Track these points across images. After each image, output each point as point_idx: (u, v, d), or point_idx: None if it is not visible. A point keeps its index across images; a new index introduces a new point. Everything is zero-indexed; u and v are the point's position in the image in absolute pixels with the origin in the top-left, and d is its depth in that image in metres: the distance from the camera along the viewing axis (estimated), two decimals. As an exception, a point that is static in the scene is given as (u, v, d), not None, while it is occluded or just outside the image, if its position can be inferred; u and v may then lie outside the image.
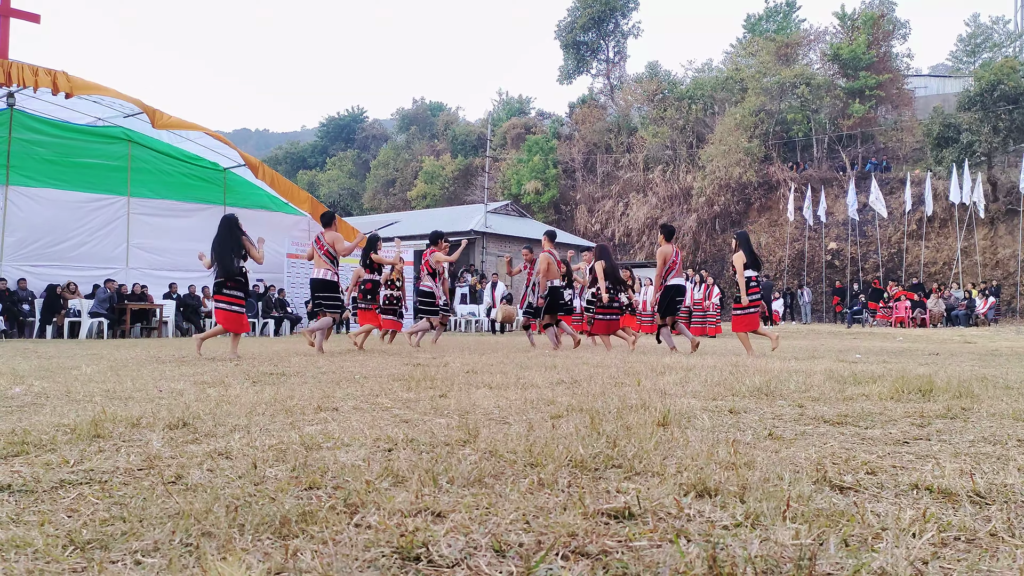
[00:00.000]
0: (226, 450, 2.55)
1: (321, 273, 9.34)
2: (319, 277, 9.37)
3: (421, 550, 1.51)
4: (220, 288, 8.32)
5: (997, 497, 1.94)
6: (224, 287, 8.28)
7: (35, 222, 16.01)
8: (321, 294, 9.40)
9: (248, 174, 18.64)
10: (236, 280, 8.30)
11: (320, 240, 9.39)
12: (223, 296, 8.30)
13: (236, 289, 8.31)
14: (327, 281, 9.35)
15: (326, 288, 9.37)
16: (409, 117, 61.30)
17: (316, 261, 9.43)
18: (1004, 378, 5.32)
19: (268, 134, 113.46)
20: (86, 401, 3.99)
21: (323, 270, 9.33)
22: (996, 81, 27.70)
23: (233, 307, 8.32)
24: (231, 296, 8.29)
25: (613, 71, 49.07)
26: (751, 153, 33.70)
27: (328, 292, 9.38)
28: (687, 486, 2.00)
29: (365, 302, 11.21)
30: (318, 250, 9.37)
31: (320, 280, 9.36)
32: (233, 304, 8.31)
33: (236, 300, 8.33)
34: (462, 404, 3.77)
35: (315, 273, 9.43)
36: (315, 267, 9.44)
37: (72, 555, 1.49)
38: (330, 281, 9.36)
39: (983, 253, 27.69)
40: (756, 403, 3.93)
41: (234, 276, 8.26)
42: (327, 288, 9.38)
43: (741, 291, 8.81)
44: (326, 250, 9.32)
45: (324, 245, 9.33)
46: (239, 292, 8.34)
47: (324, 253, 9.31)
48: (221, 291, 8.32)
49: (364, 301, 11.22)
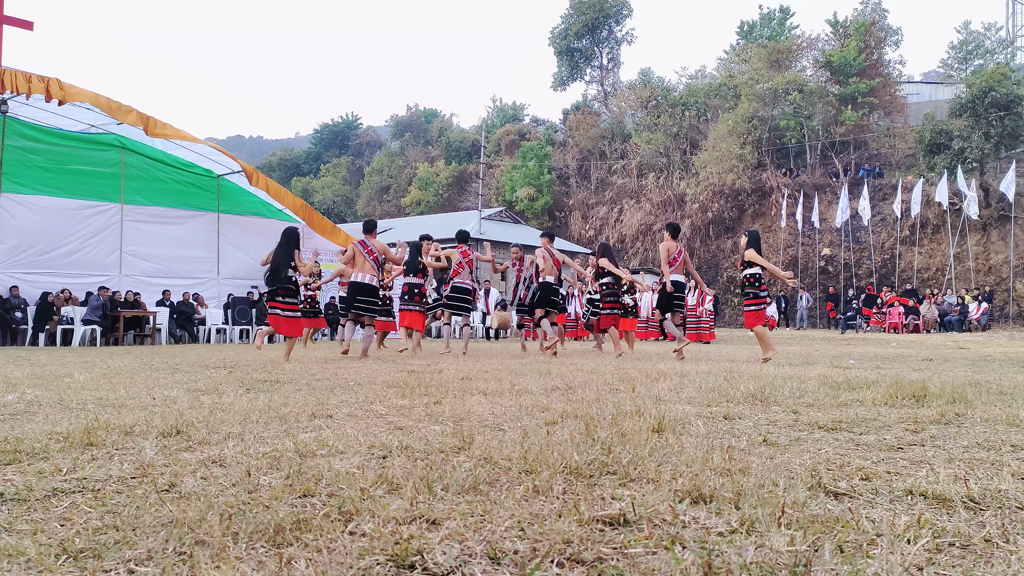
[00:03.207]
0: (220, 458, 2.54)
1: (367, 278, 9.62)
2: (363, 281, 9.62)
3: (416, 558, 1.50)
4: (273, 296, 8.96)
5: (991, 503, 1.95)
6: (276, 295, 8.92)
7: (28, 229, 15.95)
8: (363, 298, 9.64)
9: (242, 181, 18.61)
10: (287, 288, 8.93)
11: (367, 245, 9.65)
12: (277, 303, 8.92)
13: (288, 296, 8.95)
14: (370, 286, 9.65)
15: (369, 292, 9.64)
16: (403, 124, 61.35)
17: (360, 265, 9.66)
18: (998, 384, 5.34)
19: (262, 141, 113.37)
20: (79, 409, 3.97)
21: (368, 275, 9.63)
22: (987, 88, 27.86)
23: (287, 312, 8.94)
24: (285, 303, 8.93)
25: (607, 78, 49.25)
26: (744, 159, 33.81)
27: (369, 296, 9.65)
28: (682, 492, 2.00)
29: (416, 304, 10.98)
30: (366, 255, 9.62)
31: (363, 284, 9.63)
32: (287, 310, 8.94)
33: (290, 306, 8.98)
34: (457, 411, 3.76)
35: (358, 277, 9.65)
36: (357, 271, 9.67)
37: (65, 564, 1.49)
38: (372, 286, 9.67)
39: (976, 259, 27.80)
40: (751, 409, 3.93)
41: (284, 284, 8.89)
42: (369, 292, 9.65)
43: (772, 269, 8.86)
44: (375, 256, 9.64)
45: (373, 251, 9.64)
46: (292, 299, 9.01)
47: (373, 259, 9.63)
48: (274, 298, 8.94)
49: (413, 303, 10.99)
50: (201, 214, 18.94)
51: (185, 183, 18.69)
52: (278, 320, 8.94)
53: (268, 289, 9.10)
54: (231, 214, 19.43)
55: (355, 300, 9.72)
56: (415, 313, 10.85)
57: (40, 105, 14.84)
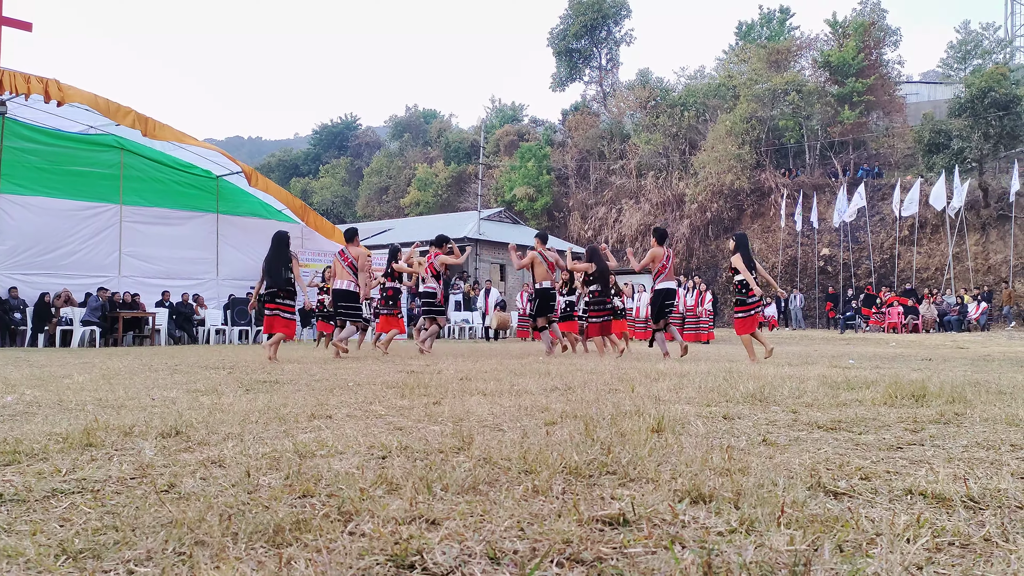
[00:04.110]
0: (219, 458, 2.54)
1: (344, 284, 10.14)
2: (342, 288, 10.15)
3: (415, 558, 1.50)
4: (273, 297, 9.30)
5: (991, 502, 1.95)
6: (276, 296, 9.27)
7: (27, 230, 15.94)
8: (344, 304, 10.17)
9: (241, 181, 18.61)
10: (286, 290, 9.28)
11: (344, 254, 10.22)
12: (275, 304, 9.28)
13: (288, 298, 9.33)
14: (349, 292, 10.15)
15: (348, 298, 10.16)
16: (402, 124, 61.31)
17: (339, 273, 10.22)
18: (997, 383, 5.34)
19: (261, 142, 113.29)
20: (78, 410, 3.96)
21: (346, 281, 10.14)
22: (987, 88, 27.87)
23: (285, 314, 9.31)
24: (283, 304, 9.30)
25: (606, 78, 49.25)
26: (743, 160, 33.83)
27: (350, 302, 10.16)
28: (681, 492, 2.00)
29: (387, 308, 11.25)
30: (342, 263, 10.17)
31: (343, 291, 10.16)
32: (285, 312, 9.31)
33: (287, 308, 9.35)
34: (456, 411, 3.76)
35: (338, 284, 10.19)
36: (337, 278, 10.22)
37: (64, 564, 1.49)
38: (352, 292, 10.15)
39: (975, 259, 27.81)
40: (750, 409, 3.93)
41: (283, 287, 9.24)
42: (349, 298, 10.16)
43: (749, 280, 8.90)
44: (350, 262, 10.15)
45: (348, 258, 10.16)
46: (290, 301, 9.37)
47: (348, 265, 10.14)
48: (274, 300, 9.29)
49: (386, 307, 11.27)
50: (200, 215, 18.94)
51: (184, 184, 18.70)
52: (275, 320, 9.28)
53: (267, 291, 9.35)
54: (230, 215, 19.43)
55: (337, 306, 10.27)
56: (392, 318, 11.19)
57: (39, 106, 14.84)
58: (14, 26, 14.83)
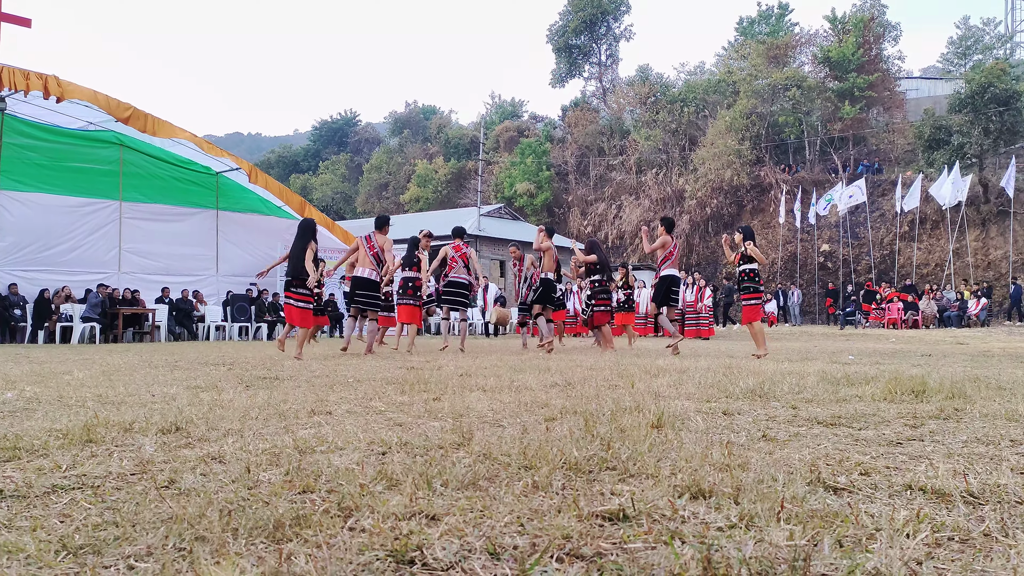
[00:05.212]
0: (219, 454, 2.54)
1: (366, 272, 9.77)
2: (363, 276, 9.78)
3: (415, 553, 1.50)
4: (288, 286, 9.10)
5: (990, 497, 1.95)
6: (291, 285, 9.03)
7: (27, 227, 15.93)
8: (363, 292, 9.80)
9: (241, 178, 18.58)
10: (300, 279, 8.97)
11: (371, 240, 9.82)
12: (291, 293, 9.02)
13: (300, 287, 8.98)
14: (371, 280, 9.79)
15: (369, 287, 9.79)
16: (402, 120, 61.31)
17: (361, 260, 9.83)
18: (997, 379, 5.34)
19: (261, 138, 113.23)
20: (78, 406, 3.97)
21: (368, 270, 9.77)
22: (987, 83, 27.84)
23: (298, 303, 8.96)
24: (299, 294, 8.98)
25: (605, 74, 49.23)
26: (743, 155, 33.81)
27: (370, 291, 9.79)
28: (681, 488, 2.00)
29: (408, 298, 10.89)
30: (367, 250, 9.79)
31: (364, 279, 9.78)
32: (300, 301, 8.97)
33: (303, 297, 9.00)
34: (456, 407, 3.76)
35: (359, 272, 9.82)
36: (359, 265, 9.84)
37: (65, 560, 1.49)
38: (373, 281, 9.80)
39: (975, 254, 27.80)
40: (750, 405, 3.93)
41: (297, 276, 8.94)
42: (370, 287, 9.79)
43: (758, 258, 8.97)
44: (375, 252, 9.80)
45: (375, 247, 9.80)
46: (303, 290, 9.00)
47: (373, 254, 9.79)
48: (289, 289, 9.07)
49: (406, 297, 10.90)
50: (200, 211, 18.92)
51: (184, 180, 18.67)
52: (291, 311, 9.05)
53: (284, 280, 9.23)
54: (230, 211, 19.40)
55: (355, 294, 9.89)
56: (411, 307, 10.82)
57: (38, 102, 14.81)
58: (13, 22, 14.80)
